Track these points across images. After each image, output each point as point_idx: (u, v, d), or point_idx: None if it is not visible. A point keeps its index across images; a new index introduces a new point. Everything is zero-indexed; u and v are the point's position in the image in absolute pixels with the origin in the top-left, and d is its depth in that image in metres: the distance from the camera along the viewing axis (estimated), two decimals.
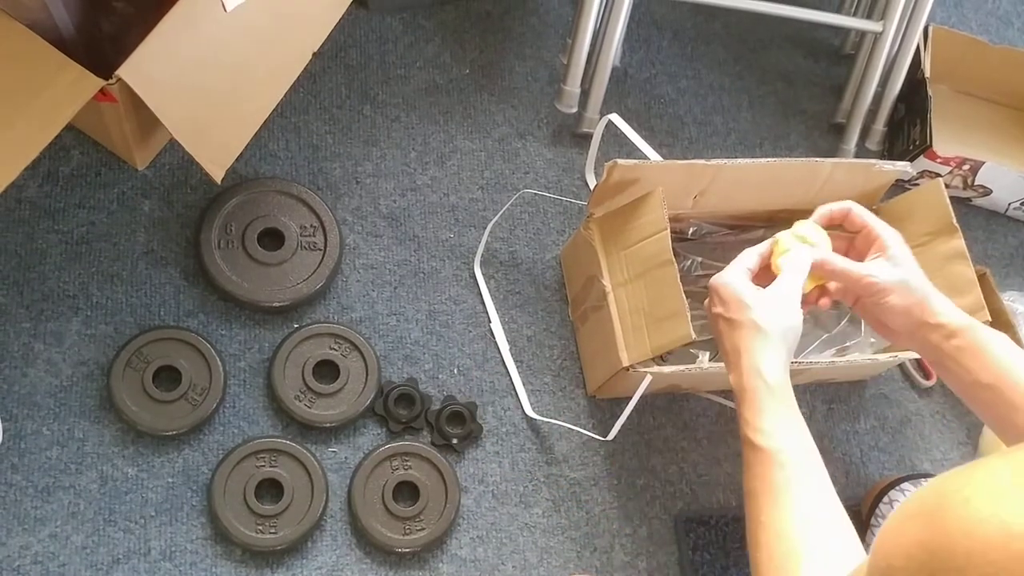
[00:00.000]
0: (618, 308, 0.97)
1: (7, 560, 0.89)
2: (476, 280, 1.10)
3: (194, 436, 0.97)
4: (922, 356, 0.91)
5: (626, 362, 0.95)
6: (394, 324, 1.06)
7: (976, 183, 1.24)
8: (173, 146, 1.07)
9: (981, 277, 1.09)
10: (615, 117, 0.99)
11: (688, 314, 0.89)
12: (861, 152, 1.29)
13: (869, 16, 1.24)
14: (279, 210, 1.05)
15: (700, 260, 1.07)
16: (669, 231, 0.92)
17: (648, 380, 0.94)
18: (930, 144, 1.19)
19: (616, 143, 1.15)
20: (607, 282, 0.98)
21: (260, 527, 0.93)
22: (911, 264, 0.84)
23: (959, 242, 0.99)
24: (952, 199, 1.01)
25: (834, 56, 1.37)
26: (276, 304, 1.02)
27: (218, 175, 0.87)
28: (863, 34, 1.28)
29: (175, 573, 0.92)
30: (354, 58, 1.18)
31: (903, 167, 1.03)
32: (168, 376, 0.97)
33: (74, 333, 0.98)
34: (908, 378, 1.18)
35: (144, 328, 0.99)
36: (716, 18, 1.35)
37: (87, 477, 0.94)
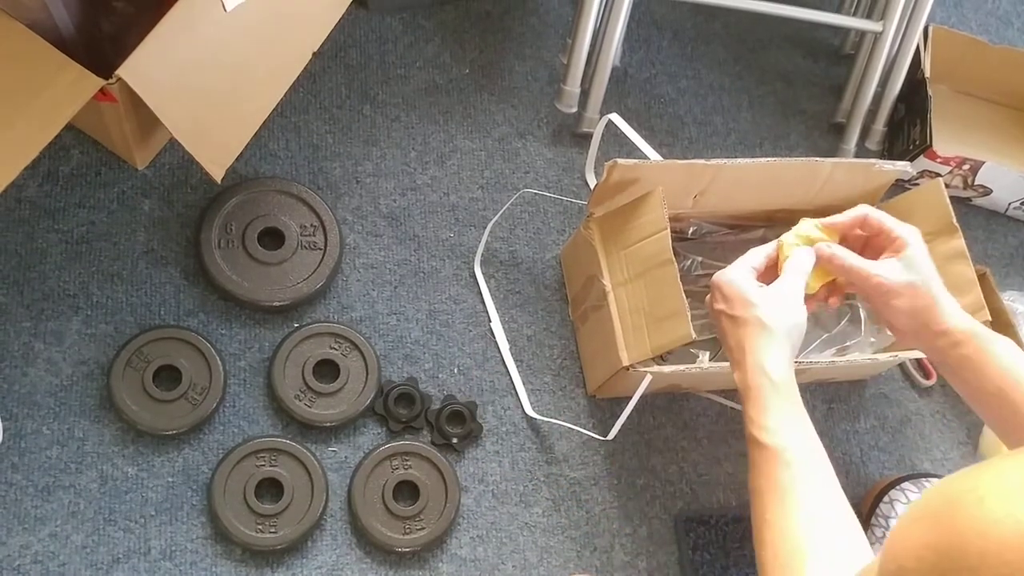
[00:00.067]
0: (618, 308, 0.97)
1: (7, 559, 0.90)
2: (476, 280, 1.10)
3: (194, 435, 0.97)
4: (927, 357, 0.90)
5: (626, 362, 0.95)
6: (394, 324, 1.06)
7: (976, 183, 1.24)
8: (173, 146, 1.07)
9: (981, 277, 1.09)
10: (615, 117, 0.99)
11: (688, 314, 0.89)
12: (861, 152, 1.29)
13: (869, 16, 1.24)
14: (279, 210, 1.05)
15: (700, 260, 1.07)
16: (669, 231, 0.92)
17: (648, 380, 0.94)
18: (930, 144, 1.19)
19: (616, 143, 1.15)
20: (607, 282, 0.98)
21: (260, 526, 0.94)
22: (924, 267, 0.81)
23: (959, 242, 0.99)
24: (952, 199, 1.01)
25: (834, 56, 1.37)
26: (276, 303, 1.02)
27: (218, 175, 0.88)
28: (863, 34, 1.28)
29: (175, 572, 0.92)
30: (354, 58, 1.18)
31: (903, 167, 1.03)
32: (168, 375, 0.97)
33: (74, 332, 0.98)
34: (908, 378, 1.18)
35: (144, 327, 0.99)
36: (716, 18, 1.35)
37: (87, 476, 0.94)
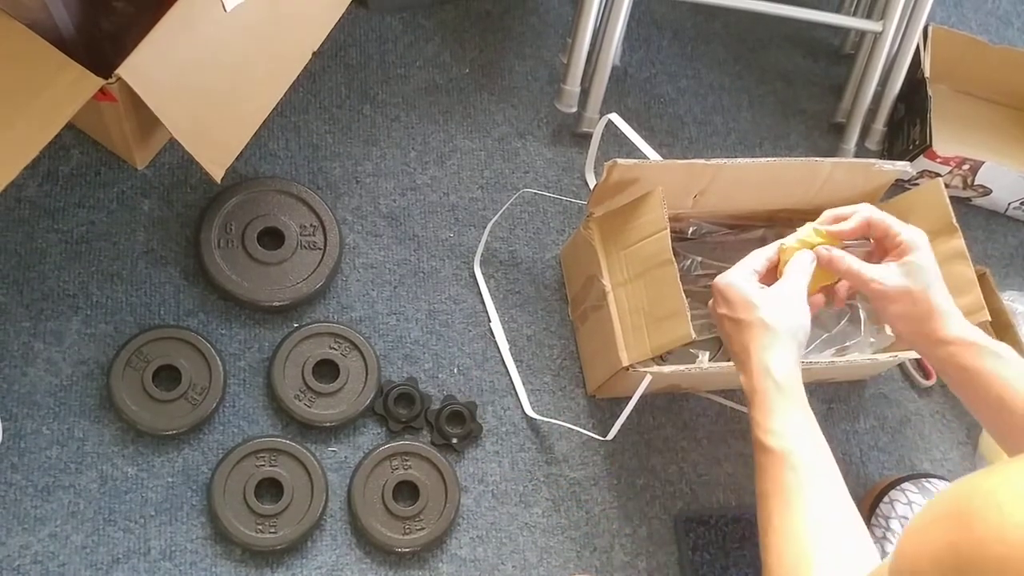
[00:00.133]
0: (618, 308, 0.97)
1: (7, 560, 0.89)
2: (476, 280, 1.10)
3: (194, 435, 0.97)
4: (925, 360, 0.90)
5: (626, 362, 0.95)
6: (394, 323, 1.06)
7: (976, 183, 1.24)
8: (173, 146, 1.07)
9: (981, 277, 1.09)
10: (615, 117, 0.99)
11: (688, 314, 0.89)
12: (861, 152, 1.29)
13: (869, 16, 1.24)
14: (279, 209, 1.05)
15: (700, 260, 1.07)
16: (669, 231, 0.92)
17: (648, 380, 0.94)
18: (930, 144, 1.19)
19: (616, 143, 1.15)
20: (607, 282, 0.98)
21: (260, 527, 0.93)
22: (925, 273, 0.80)
23: (959, 242, 0.99)
24: (952, 199, 1.01)
25: (834, 56, 1.37)
26: (276, 303, 1.02)
27: (218, 174, 0.87)
28: (863, 34, 1.28)
29: (175, 573, 0.92)
30: (354, 58, 1.18)
31: (903, 167, 1.03)
32: (168, 375, 0.97)
33: (74, 332, 0.98)
34: (908, 378, 1.18)
35: (144, 327, 0.99)
36: (716, 18, 1.35)
37: (87, 476, 0.94)
